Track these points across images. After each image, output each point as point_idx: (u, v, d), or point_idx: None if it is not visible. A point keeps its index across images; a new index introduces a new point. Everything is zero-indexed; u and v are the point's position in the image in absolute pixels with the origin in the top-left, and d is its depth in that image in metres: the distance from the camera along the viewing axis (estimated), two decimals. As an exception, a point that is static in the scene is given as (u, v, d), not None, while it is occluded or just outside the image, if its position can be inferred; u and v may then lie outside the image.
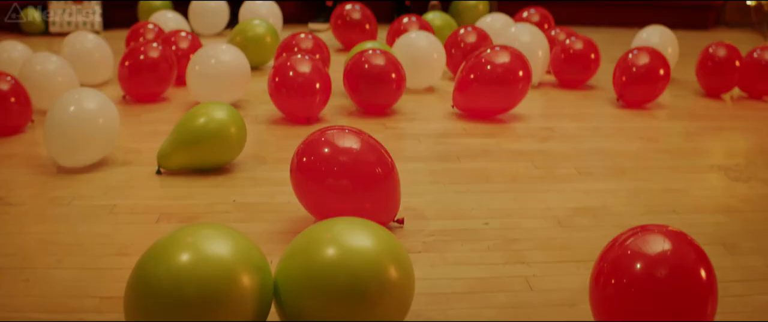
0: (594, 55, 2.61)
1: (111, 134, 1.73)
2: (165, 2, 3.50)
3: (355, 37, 3.01)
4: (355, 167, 1.30)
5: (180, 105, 2.29)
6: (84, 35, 2.51)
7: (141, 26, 2.77)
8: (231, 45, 2.26)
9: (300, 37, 2.44)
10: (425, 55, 2.39)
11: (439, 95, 2.47)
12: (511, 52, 2.14)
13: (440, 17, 3.03)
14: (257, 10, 3.18)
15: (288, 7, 3.62)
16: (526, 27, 2.61)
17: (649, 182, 1.72)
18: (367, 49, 2.13)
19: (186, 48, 2.50)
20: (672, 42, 2.87)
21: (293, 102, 2.02)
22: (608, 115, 2.33)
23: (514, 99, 2.16)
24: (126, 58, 2.27)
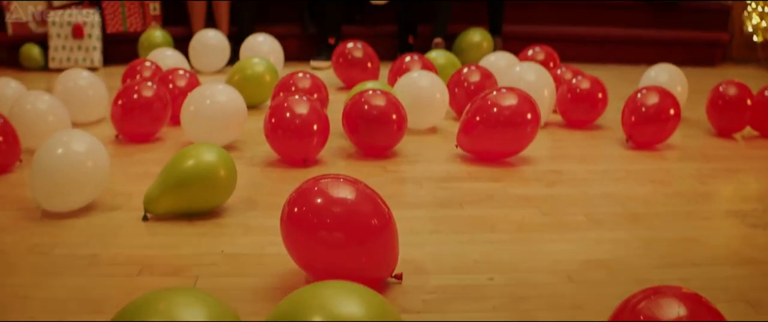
0: (601, 94, 2.54)
1: (99, 178, 1.65)
2: (165, 38, 3.47)
3: (357, 76, 2.95)
4: (349, 219, 1.21)
5: (174, 145, 2.22)
6: (78, 73, 2.46)
7: (138, 64, 2.73)
8: (227, 85, 2.20)
9: (298, 76, 2.38)
10: (427, 95, 2.33)
11: (442, 136, 2.39)
12: (518, 93, 2.07)
13: (443, 55, 2.98)
14: (258, 48, 3.13)
15: (290, 45, 3.58)
16: (531, 66, 2.54)
17: (663, 231, 1.62)
18: (367, 90, 2.06)
19: (183, 86, 2.44)
20: (681, 80, 2.80)
21: (290, 144, 1.95)
22: (617, 157, 2.25)
23: (522, 142, 2.08)
24: (119, 97, 2.21)
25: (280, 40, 3.31)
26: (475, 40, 3.58)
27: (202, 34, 3.33)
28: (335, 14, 3.52)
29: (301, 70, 2.49)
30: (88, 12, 3.48)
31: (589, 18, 4.18)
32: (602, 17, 4.19)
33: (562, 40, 3.89)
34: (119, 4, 3.55)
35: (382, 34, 3.73)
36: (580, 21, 4.16)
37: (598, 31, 4.05)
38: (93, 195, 1.66)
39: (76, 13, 3.48)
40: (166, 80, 2.45)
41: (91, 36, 3.48)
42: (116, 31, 3.59)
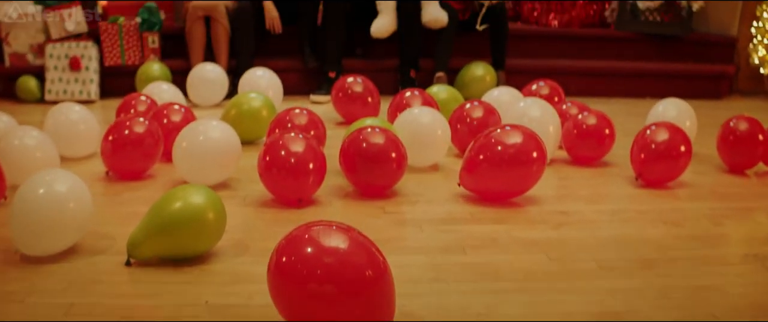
0: (608, 130, 2.46)
1: (81, 221, 1.57)
2: (163, 72, 3.42)
3: (357, 111, 2.88)
4: (341, 270, 1.12)
5: (165, 183, 2.14)
6: (69, 107, 2.40)
7: (133, 98, 2.66)
8: (221, 121, 2.12)
9: (294, 112, 2.31)
10: (428, 131, 2.25)
11: (443, 174, 2.31)
12: (523, 131, 1.99)
13: (445, 90, 2.91)
14: (257, 82, 3.07)
15: (290, 79, 3.53)
16: (535, 101, 2.47)
17: (679, 278, 1.52)
18: (365, 127, 1.98)
19: (178, 121, 2.37)
20: (690, 115, 2.73)
21: (284, 183, 1.86)
22: (627, 196, 2.15)
23: (527, 182, 1.99)
24: (110, 133, 2.14)
25: (280, 74, 3.26)
26: (478, 74, 3.52)
27: (200, 67, 3.28)
28: (336, 48, 3.47)
29: (300, 104, 2.43)
30: (86, 45, 3.44)
31: (593, 51, 4.12)
32: (606, 51, 4.13)
33: (566, 73, 3.83)
34: (118, 37, 3.51)
35: (384, 68, 3.68)
36: (584, 55, 4.10)
37: (602, 64, 3.98)
38: (74, 238, 1.57)
39: (74, 45, 3.44)
40: (161, 115, 2.38)
41: (88, 68, 3.44)
42: (114, 63, 3.54)
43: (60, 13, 3.50)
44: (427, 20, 3.46)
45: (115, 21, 3.51)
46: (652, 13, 4.06)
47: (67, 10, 3.51)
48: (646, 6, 4.04)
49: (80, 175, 2.18)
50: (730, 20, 4.21)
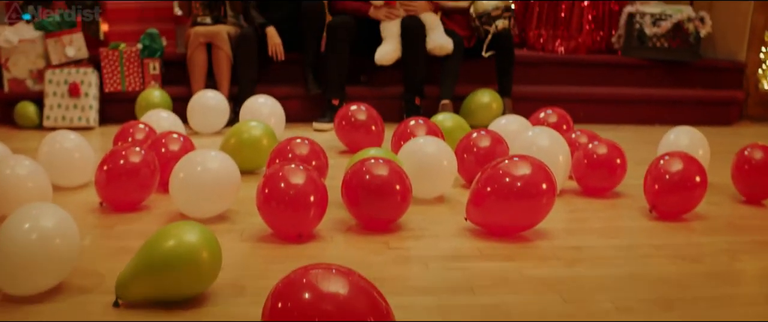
0: (620, 159, 2.38)
1: (68, 258, 1.49)
2: (164, 98, 3.37)
3: (360, 139, 2.81)
4: (341, 318, 1.03)
5: (161, 216, 2.06)
6: (64, 135, 2.33)
7: (131, 126, 2.60)
8: (220, 151, 2.05)
9: (296, 142, 2.23)
10: (434, 162, 2.17)
11: (449, 206, 2.22)
12: (532, 162, 1.91)
13: (451, 118, 2.84)
14: (259, 110, 3.01)
15: (292, 106, 3.47)
16: (544, 131, 2.40)
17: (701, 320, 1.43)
18: (368, 158, 1.91)
19: (176, 150, 2.30)
20: (702, 144, 2.66)
21: (284, 217, 1.78)
22: (641, 230, 2.06)
23: (537, 215, 1.90)
24: (105, 162, 2.07)
25: (283, 101, 3.20)
26: (484, 101, 3.46)
27: (200, 94, 3.22)
28: (339, 75, 3.42)
29: (303, 132, 2.37)
30: (86, 71, 3.39)
31: (601, 78, 4.06)
32: (614, 77, 4.08)
33: (573, 100, 3.76)
34: (118, 63, 3.47)
35: (388, 96, 3.62)
36: (591, 81, 4.05)
37: (610, 91, 3.92)
38: (60, 277, 1.49)
39: (73, 71, 3.39)
40: (159, 144, 2.31)
41: (87, 95, 3.39)
42: (114, 90, 3.49)
43: (61, 38, 3.46)
44: (432, 47, 3.40)
45: (116, 47, 3.47)
46: (659, 39, 4.01)
47: (68, 36, 3.48)
48: (653, 32, 3.99)
49: (73, 206, 2.15)
50: (738, 46, 4.17)
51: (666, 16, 3.98)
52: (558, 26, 4.20)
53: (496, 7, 3.50)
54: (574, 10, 4.17)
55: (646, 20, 4.01)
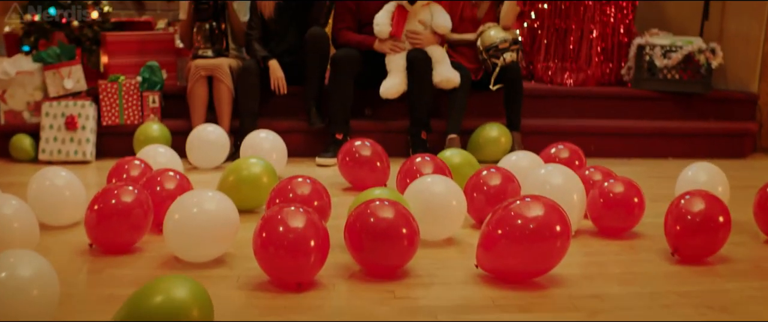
0: (637, 198, 2.27)
1: (45, 311, 1.37)
2: (163, 132, 3.28)
3: (365, 176, 2.70)
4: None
5: (153, 259, 1.95)
6: (55, 171, 2.24)
7: (126, 162, 2.50)
8: (217, 192, 1.94)
9: (297, 181, 2.12)
10: (442, 202, 2.06)
11: (459, 249, 2.10)
12: (545, 202, 1.80)
13: (459, 154, 2.73)
14: (260, 145, 2.91)
15: (295, 140, 3.38)
16: (557, 168, 2.29)
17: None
18: (373, 200, 1.80)
19: (172, 189, 2.20)
20: (721, 180, 2.56)
21: (282, 264, 1.67)
22: (664, 276, 1.94)
23: (551, 260, 1.79)
24: (95, 201, 1.97)
25: (285, 135, 3.10)
26: (493, 135, 3.35)
27: (200, 129, 3.13)
28: (343, 108, 3.33)
29: (306, 167, 2.26)
30: (83, 103, 3.32)
31: (611, 111, 3.96)
32: (624, 110, 3.98)
33: (583, 133, 3.66)
34: (117, 96, 3.39)
35: (393, 129, 3.52)
36: (601, 114, 3.95)
37: (620, 124, 3.82)
38: (38, 332, 1.37)
39: (71, 104, 3.32)
40: (154, 182, 2.21)
41: (84, 128, 3.30)
42: (112, 123, 3.41)
43: (59, 71, 3.39)
44: (439, 81, 3.32)
45: (116, 80, 3.40)
46: (670, 70, 3.93)
47: (67, 68, 3.41)
48: (663, 64, 3.91)
49: (61, 247, 2.04)
50: (749, 77, 4.08)
51: (676, 48, 3.90)
52: (566, 58, 4.13)
53: (504, 39, 3.43)
54: (583, 42, 4.10)
55: (657, 52, 3.94)
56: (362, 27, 3.47)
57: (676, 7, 4.57)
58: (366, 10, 3.44)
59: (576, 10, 4.06)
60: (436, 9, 3.37)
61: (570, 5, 4.07)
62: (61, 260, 1.93)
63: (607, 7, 4.08)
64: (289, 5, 3.43)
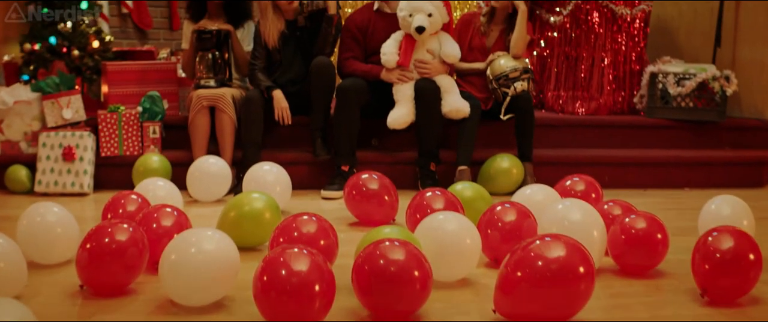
0: (661, 234, 2.15)
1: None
2: (163, 164, 3.18)
3: (372, 210, 2.59)
4: None
5: (148, 302, 1.83)
6: (47, 207, 2.13)
7: (122, 196, 2.39)
8: (217, 231, 1.82)
9: (302, 219, 2.00)
10: (456, 241, 1.93)
11: (475, 291, 1.96)
12: (566, 241, 1.69)
13: (470, 187, 2.61)
14: (263, 177, 2.80)
15: (299, 172, 3.27)
16: (575, 203, 2.18)
17: None
18: (382, 240, 1.68)
19: (169, 226, 2.08)
20: (746, 213, 2.44)
21: (285, 309, 1.54)
22: (694, 319, 1.80)
23: (574, 304, 1.66)
24: (88, 240, 1.86)
25: (290, 167, 2.99)
26: (504, 166, 3.24)
27: (201, 160, 3.03)
28: (349, 139, 3.22)
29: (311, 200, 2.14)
30: (82, 134, 3.22)
31: (624, 140, 3.86)
32: (638, 139, 3.87)
33: (596, 164, 3.55)
34: (116, 127, 3.30)
35: (401, 161, 3.41)
36: (613, 143, 3.84)
37: (634, 153, 3.71)
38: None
39: (69, 135, 3.23)
40: (150, 219, 2.10)
41: (82, 159, 3.21)
42: (111, 154, 3.31)
43: (58, 100, 3.31)
44: (448, 111, 3.22)
45: (115, 110, 3.31)
46: (683, 98, 3.84)
47: (66, 98, 3.33)
48: (677, 92, 3.82)
49: (49, 288, 1.92)
50: (764, 104, 3.99)
51: (690, 75, 3.82)
52: (578, 87, 4.04)
53: (515, 68, 3.34)
54: (595, 70, 4.01)
55: (670, 80, 3.85)
56: (369, 56, 3.39)
57: (686, 34, 4.50)
58: (373, 39, 3.36)
59: (587, 38, 3.99)
60: (445, 38, 3.29)
61: (581, 33, 3.99)
62: (49, 304, 1.81)
63: (619, 35, 4.00)
64: (293, 34, 3.36)
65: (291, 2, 3.28)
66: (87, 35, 3.59)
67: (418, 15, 3.16)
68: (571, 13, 4.00)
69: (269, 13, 3.30)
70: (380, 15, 3.42)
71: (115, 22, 4.26)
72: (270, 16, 3.30)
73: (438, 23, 3.23)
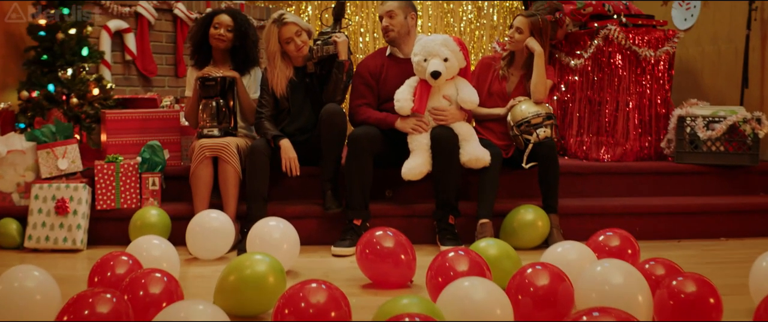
0: (713, 298, 1.93)
1: None
2: (161, 218, 2.98)
3: (387, 271, 2.35)
4: None
5: (131, 386, 1.59)
6: (27, 271, 1.93)
7: (112, 258, 2.18)
8: (209, 304, 1.60)
9: (310, 287, 1.76)
10: (485, 312, 1.70)
11: (507, 370, 1.72)
12: (616, 315, 1.45)
13: (495, 245, 2.38)
14: (269, 233, 2.58)
15: (308, 226, 3.06)
16: (615, 265, 1.96)
17: None
18: (401, 317, 1.44)
19: (158, 293, 1.87)
20: (798, 272, 2.17)
21: None
22: None
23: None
24: (65, 311, 1.65)
25: (298, 221, 2.79)
26: (528, 219, 3.00)
27: (202, 215, 2.82)
28: (362, 191, 3.01)
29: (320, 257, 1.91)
30: (76, 186, 3.03)
31: (653, 187, 3.63)
32: (667, 186, 3.65)
33: (625, 214, 3.31)
34: (114, 178, 3.11)
35: (418, 214, 3.18)
36: (643, 191, 3.61)
37: (665, 202, 3.47)
38: None
39: (63, 186, 3.04)
40: (138, 285, 1.88)
41: (76, 213, 3.01)
42: (107, 207, 3.12)
43: (53, 150, 3.14)
44: (467, 160, 3.00)
45: (114, 160, 3.13)
46: (714, 142, 3.64)
47: (62, 148, 3.16)
48: (707, 135, 3.62)
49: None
50: (794, 146, 3.78)
51: (719, 118, 3.62)
52: (602, 132, 3.83)
53: (537, 114, 3.14)
54: (619, 114, 3.82)
55: (699, 123, 3.66)
56: (382, 103, 3.20)
57: (711, 75, 4.33)
58: (386, 85, 3.18)
59: (610, 81, 3.80)
60: (462, 83, 3.11)
61: (603, 76, 3.81)
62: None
63: (643, 78, 3.82)
64: (302, 81, 3.19)
65: (300, 48, 3.12)
66: (87, 82, 3.45)
67: (434, 59, 2.98)
68: (592, 56, 3.83)
69: (277, 60, 3.15)
70: (393, 60, 3.25)
71: (118, 69, 4.13)
72: (278, 62, 3.15)
73: (455, 68, 3.05)
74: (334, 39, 3.13)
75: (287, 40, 3.10)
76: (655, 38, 3.85)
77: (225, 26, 3.20)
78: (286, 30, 3.10)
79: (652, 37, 3.84)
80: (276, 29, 3.11)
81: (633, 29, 3.80)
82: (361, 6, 5.36)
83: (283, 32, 3.10)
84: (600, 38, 3.78)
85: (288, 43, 3.11)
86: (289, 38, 3.10)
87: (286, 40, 3.11)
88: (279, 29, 3.11)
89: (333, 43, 3.12)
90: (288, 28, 3.09)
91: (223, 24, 3.20)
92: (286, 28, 3.10)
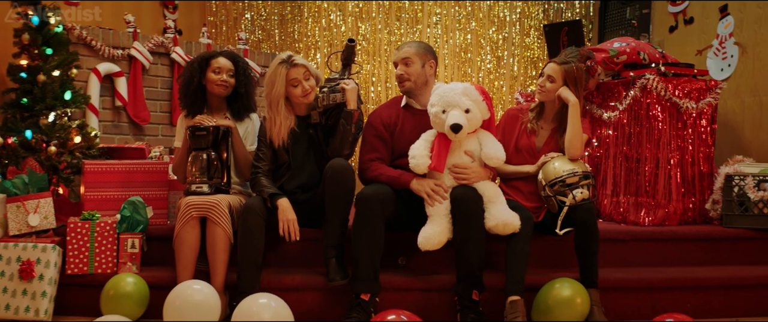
0: None
1: None
2: (139, 287, 2.60)
3: (401, 366, 1.95)
4: None
5: None
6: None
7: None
8: None
9: None
10: None
11: None
12: None
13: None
14: (258, 314, 2.22)
15: (308, 299, 2.68)
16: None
17: None
18: None
19: None
20: None
21: None
22: None
23: None
24: None
25: (296, 294, 2.44)
26: (565, 295, 2.59)
27: (184, 286, 2.44)
28: (371, 260, 2.61)
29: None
30: (45, 247, 2.67)
31: (700, 256, 3.23)
32: (716, 254, 3.25)
33: (673, 287, 2.91)
34: (88, 238, 2.75)
35: (436, 287, 2.77)
36: (688, 260, 3.22)
37: (717, 273, 3.06)
38: None
39: (30, 247, 2.67)
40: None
41: (42, 278, 2.63)
42: (78, 272, 2.75)
43: (24, 204, 2.80)
44: (494, 225, 2.61)
45: (90, 218, 2.77)
46: (766, 204, 3.27)
47: (34, 201, 2.82)
48: (758, 196, 3.27)
49: None
50: None
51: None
52: (641, 192, 3.45)
53: (573, 172, 2.76)
54: (660, 172, 3.44)
55: (748, 183, 3.31)
56: (395, 159, 2.84)
57: (752, 129, 3.99)
58: (400, 139, 2.83)
59: (650, 135, 3.44)
60: (486, 137, 2.75)
61: (641, 130, 3.46)
62: None
63: (684, 132, 3.46)
64: (305, 132, 2.85)
65: (307, 93, 2.80)
66: (68, 129, 3.14)
67: (454, 111, 2.64)
68: (628, 107, 3.49)
69: (281, 105, 2.83)
70: (409, 111, 2.91)
71: (107, 115, 3.83)
72: (281, 108, 2.82)
73: (477, 120, 2.69)
74: (342, 86, 2.82)
75: (294, 82, 2.80)
76: (695, 89, 3.52)
77: (226, 71, 2.91)
78: (295, 71, 2.80)
79: (692, 88, 3.51)
80: (284, 70, 2.80)
81: (673, 79, 3.47)
82: (373, 54, 5.09)
83: (291, 73, 2.80)
84: (637, 89, 3.45)
85: (295, 86, 2.81)
86: (297, 80, 2.80)
87: (293, 83, 2.81)
88: (288, 70, 2.80)
89: (341, 91, 2.81)
90: (297, 69, 2.80)
91: (225, 68, 2.91)
92: (295, 70, 2.80)
